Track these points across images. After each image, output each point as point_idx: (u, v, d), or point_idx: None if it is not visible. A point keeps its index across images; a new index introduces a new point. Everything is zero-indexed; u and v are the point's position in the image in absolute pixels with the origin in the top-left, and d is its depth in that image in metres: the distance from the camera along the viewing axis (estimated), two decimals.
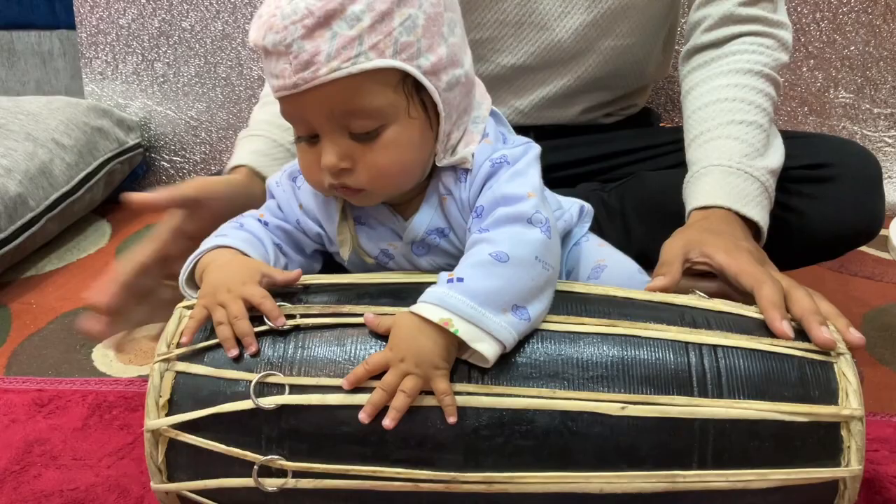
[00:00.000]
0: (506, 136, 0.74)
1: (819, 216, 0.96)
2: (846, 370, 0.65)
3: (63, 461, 0.91)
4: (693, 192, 0.87)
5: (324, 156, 0.66)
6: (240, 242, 0.71)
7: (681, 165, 0.94)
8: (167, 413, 0.65)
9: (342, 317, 0.66)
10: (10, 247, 1.40)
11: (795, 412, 0.63)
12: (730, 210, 0.84)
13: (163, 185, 1.83)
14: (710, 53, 0.97)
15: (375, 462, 0.63)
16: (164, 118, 1.80)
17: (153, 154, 1.83)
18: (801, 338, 0.67)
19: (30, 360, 1.17)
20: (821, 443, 0.63)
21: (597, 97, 1.11)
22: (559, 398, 0.62)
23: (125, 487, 0.86)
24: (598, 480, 0.62)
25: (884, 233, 1.06)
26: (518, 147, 0.71)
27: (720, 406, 0.62)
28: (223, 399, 0.64)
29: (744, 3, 0.97)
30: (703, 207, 0.85)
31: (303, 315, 0.66)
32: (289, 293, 0.70)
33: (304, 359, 0.65)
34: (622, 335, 0.65)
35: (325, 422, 0.63)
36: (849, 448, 0.63)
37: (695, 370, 0.64)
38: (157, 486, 0.67)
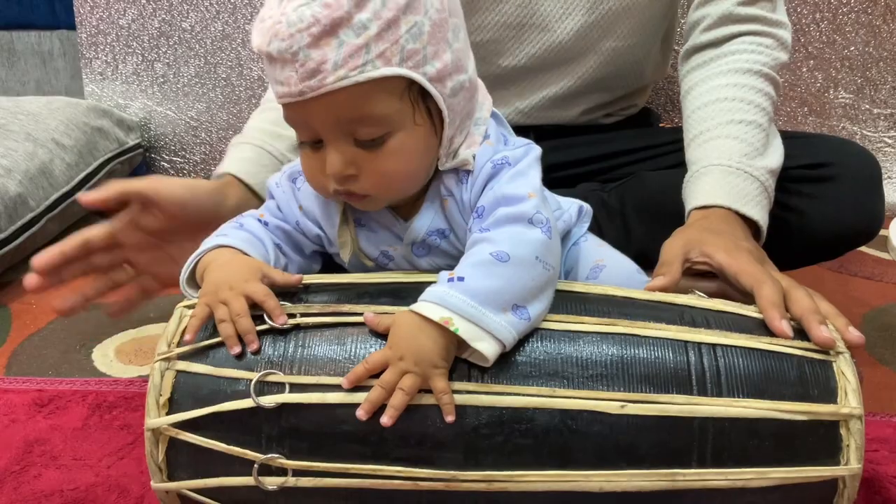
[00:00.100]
0: (507, 138, 0.74)
1: (819, 216, 0.96)
2: (845, 369, 0.65)
3: (63, 461, 0.91)
4: (693, 192, 0.87)
5: (329, 163, 0.66)
6: (240, 242, 0.71)
7: (680, 165, 0.94)
8: (168, 412, 0.65)
9: (342, 316, 0.66)
10: (11, 247, 1.40)
11: (795, 411, 0.63)
12: (729, 209, 0.84)
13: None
14: (710, 53, 0.97)
15: (375, 461, 0.63)
16: (164, 118, 1.80)
17: (153, 154, 1.83)
18: (801, 337, 0.67)
19: (30, 361, 1.17)
20: (820, 441, 0.63)
21: (597, 98, 1.11)
22: (559, 397, 0.62)
23: (125, 487, 0.86)
24: (598, 479, 0.62)
25: (883, 233, 1.06)
26: (519, 148, 0.71)
27: (719, 405, 0.62)
28: (223, 398, 0.64)
29: (743, 3, 0.97)
30: (703, 207, 0.85)
31: (303, 314, 0.66)
32: (289, 293, 0.70)
33: (305, 358, 0.65)
34: (622, 334, 0.65)
35: (326, 420, 0.63)
36: (848, 446, 0.63)
37: (694, 369, 0.64)
38: (158, 485, 0.67)
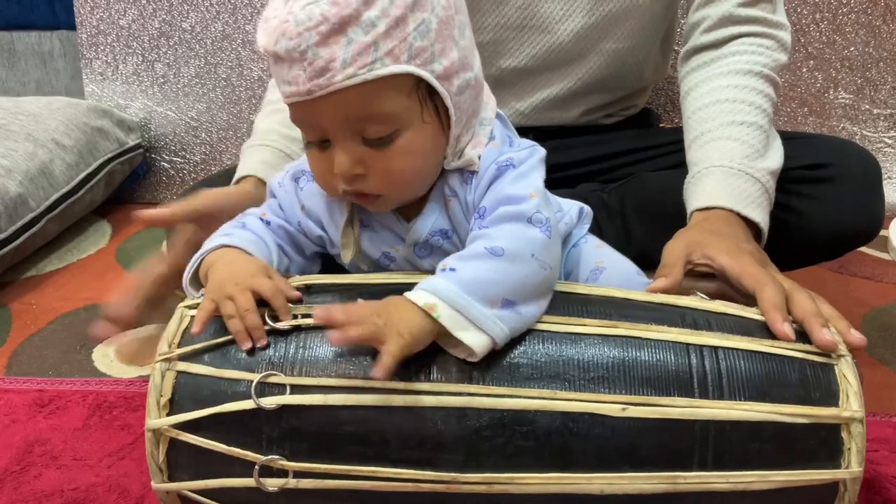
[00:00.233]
0: (512, 140, 0.74)
1: (819, 217, 0.96)
2: (847, 372, 0.65)
3: (63, 461, 0.91)
4: (694, 193, 0.87)
5: (337, 162, 0.66)
6: (244, 242, 0.71)
7: (681, 166, 0.94)
8: (168, 413, 0.65)
9: None
10: (11, 247, 1.40)
11: (796, 414, 0.63)
12: (731, 211, 0.84)
13: (163, 186, 1.84)
14: (710, 54, 0.97)
15: (376, 462, 0.63)
16: (165, 119, 1.80)
17: (153, 154, 1.83)
18: (802, 340, 0.67)
19: (30, 361, 1.17)
20: (821, 444, 0.63)
21: (597, 99, 1.11)
22: (560, 399, 0.62)
23: (125, 487, 0.87)
24: (599, 481, 0.62)
25: (883, 233, 1.06)
26: (524, 150, 0.71)
27: (721, 407, 0.62)
28: (224, 399, 0.64)
29: (743, 4, 0.97)
30: (705, 208, 0.85)
31: (304, 315, 0.66)
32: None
33: (306, 359, 0.65)
34: (623, 336, 0.65)
35: (327, 422, 0.63)
36: (849, 450, 0.63)
37: (696, 371, 0.64)
38: (158, 486, 0.67)
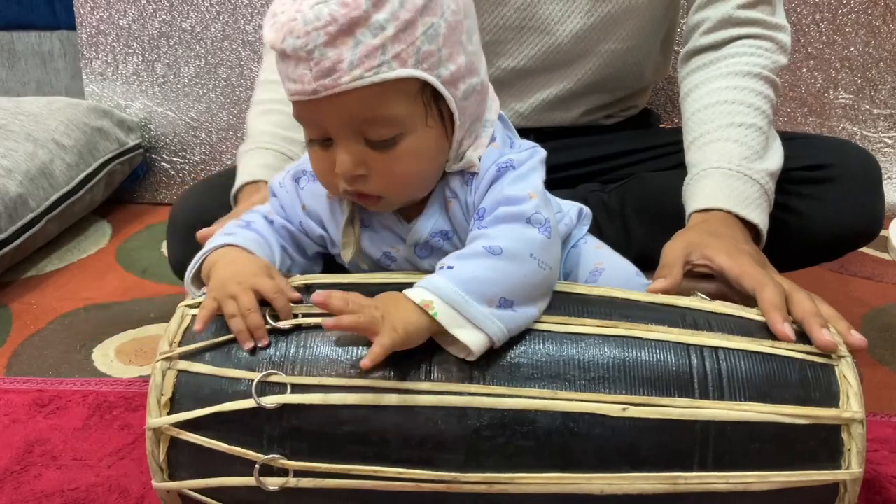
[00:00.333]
0: (513, 141, 0.73)
1: (819, 217, 0.96)
2: (847, 373, 0.65)
3: (63, 461, 0.91)
4: (693, 195, 0.87)
5: (339, 162, 0.66)
6: (247, 242, 0.71)
7: (680, 166, 0.94)
8: (169, 412, 0.65)
9: None
10: (11, 247, 1.40)
11: (796, 414, 0.63)
12: (730, 213, 0.84)
13: (163, 186, 1.84)
14: (709, 56, 0.97)
15: (377, 462, 0.63)
16: (165, 119, 1.80)
17: (153, 155, 1.83)
18: (803, 340, 0.67)
19: (30, 361, 1.17)
20: (821, 445, 0.63)
21: (597, 99, 1.11)
22: (560, 399, 0.62)
23: (125, 487, 0.87)
24: (599, 481, 0.62)
25: (883, 233, 1.06)
26: (524, 151, 0.71)
27: (721, 408, 0.62)
28: (225, 398, 0.64)
29: (743, 6, 0.97)
30: (704, 210, 0.85)
31: (305, 314, 0.66)
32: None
33: (306, 358, 0.65)
34: (624, 337, 0.65)
35: (327, 421, 0.63)
36: (849, 451, 0.63)
37: (696, 372, 0.64)
38: (159, 485, 0.67)
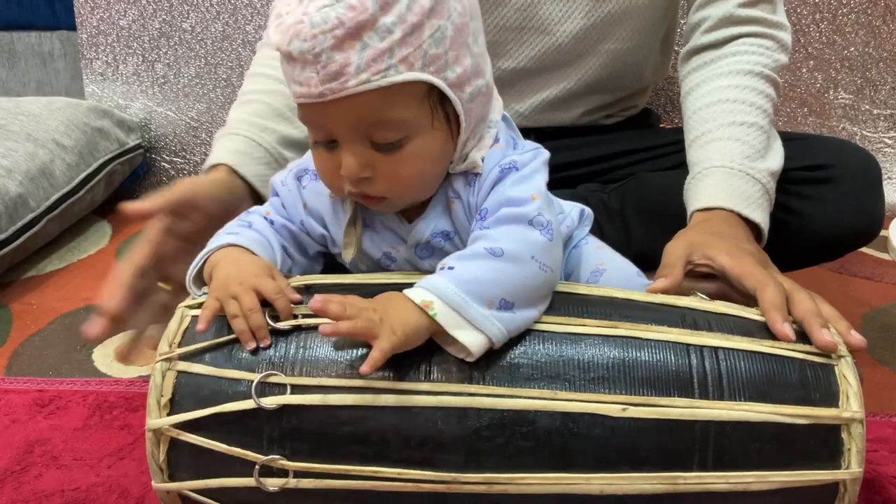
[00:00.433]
0: (516, 142, 0.73)
1: (819, 217, 0.96)
2: (847, 373, 0.65)
3: (64, 461, 0.91)
4: (695, 194, 0.87)
5: (344, 164, 0.66)
6: (250, 242, 0.71)
7: (681, 166, 0.94)
8: (169, 412, 0.65)
9: None
10: (11, 247, 1.40)
11: (796, 414, 0.63)
12: (731, 212, 0.84)
13: (163, 186, 1.84)
14: (710, 54, 0.97)
15: (376, 462, 0.63)
16: (165, 119, 1.80)
17: (154, 155, 1.83)
18: (803, 340, 0.67)
19: (30, 361, 1.17)
20: (821, 445, 0.63)
21: (597, 99, 1.11)
22: (560, 399, 0.62)
23: (126, 488, 0.87)
24: (599, 481, 0.62)
25: (883, 234, 1.07)
26: (527, 153, 0.71)
27: (721, 408, 0.63)
28: (225, 399, 0.64)
29: (743, 5, 0.97)
30: (705, 209, 0.85)
31: (305, 315, 0.66)
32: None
33: (306, 359, 0.65)
34: (623, 337, 0.65)
35: (327, 422, 0.63)
36: (849, 450, 0.63)
37: (696, 372, 0.64)
38: (159, 486, 0.67)
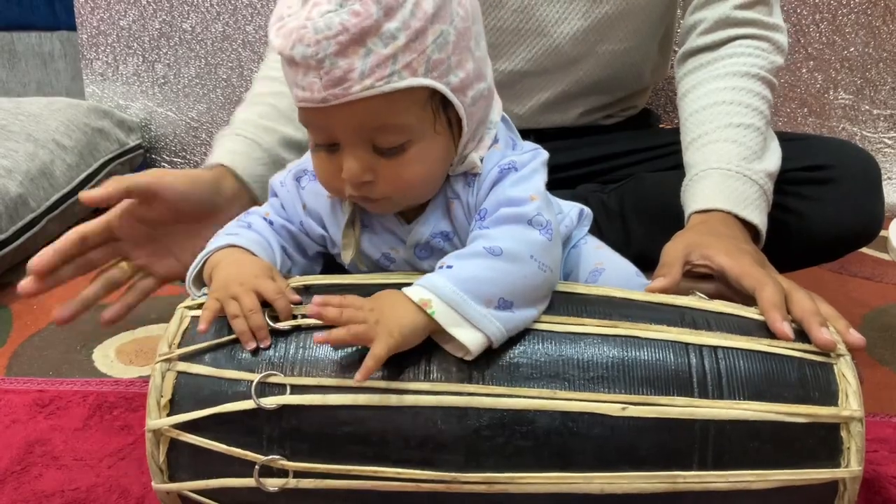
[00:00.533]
0: (515, 142, 0.74)
1: (819, 218, 0.96)
2: (846, 371, 0.65)
3: (64, 461, 0.91)
4: (692, 196, 0.87)
5: (346, 168, 0.66)
6: (250, 243, 0.72)
7: (680, 167, 0.94)
8: (168, 413, 0.65)
9: None
10: (11, 247, 1.40)
11: (795, 413, 0.63)
12: (729, 213, 0.84)
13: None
14: (707, 56, 0.97)
15: (376, 462, 0.63)
16: (165, 119, 1.80)
17: (154, 155, 1.83)
18: (802, 339, 0.67)
19: (30, 361, 1.17)
20: (821, 444, 0.63)
21: (595, 100, 1.11)
22: (560, 399, 0.63)
23: (126, 488, 0.87)
24: (599, 481, 0.62)
25: (883, 234, 1.06)
26: (526, 153, 0.71)
27: (720, 407, 0.63)
28: (224, 399, 0.64)
29: (740, 7, 0.97)
30: (703, 211, 0.85)
31: (304, 315, 0.66)
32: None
33: (306, 359, 0.65)
34: (623, 336, 0.65)
35: (327, 422, 0.63)
36: (848, 449, 0.63)
37: (695, 371, 0.64)
38: (159, 486, 0.67)
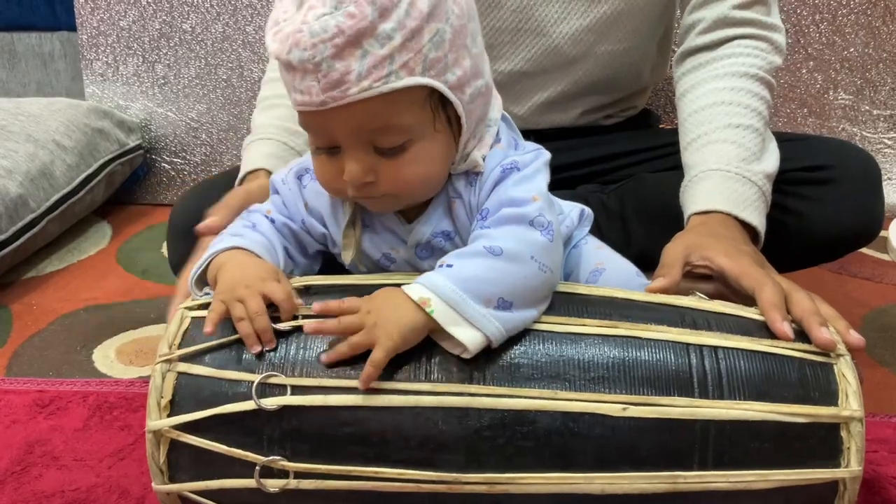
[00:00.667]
0: (517, 142, 0.74)
1: (819, 218, 0.96)
2: (846, 371, 0.65)
3: (64, 462, 0.91)
4: (692, 197, 0.87)
5: (348, 170, 0.66)
6: (255, 245, 0.71)
7: (681, 167, 0.94)
8: (169, 414, 0.65)
9: None
10: (11, 248, 1.40)
11: (795, 413, 0.63)
12: (728, 215, 0.84)
13: (163, 187, 1.84)
14: (705, 56, 0.97)
15: (377, 463, 0.63)
16: (165, 120, 1.80)
17: (154, 155, 1.83)
18: (802, 339, 0.67)
19: (31, 361, 1.17)
20: (821, 444, 0.63)
21: (595, 100, 1.11)
22: (561, 399, 0.63)
23: (126, 488, 0.87)
24: (600, 481, 0.62)
25: (883, 234, 1.06)
26: (528, 154, 0.71)
27: (721, 407, 0.63)
28: (225, 400, 0.64)
29: (738, 6, 0.97)
30: (702, 212, 0.85)
31: (305, 316, 0.66)
32: None
33: (306, 360, 0.65)
34: (623, 336, 0.65)
35: (327, 422, 0.63)
36: (848, 449, 0.63)
37: (696, 371, 0.64)
38: (159, 487, 0.67)
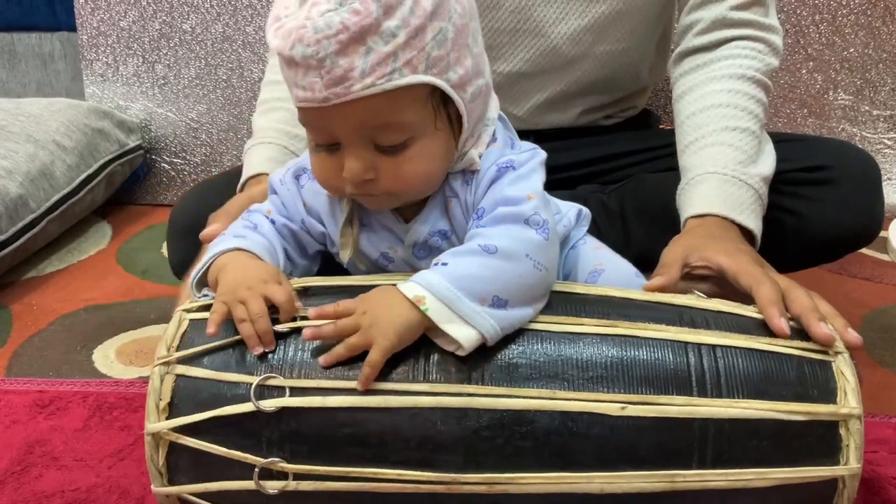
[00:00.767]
0: (513, 142, 0.74)
1: (818, 218, 0.96)
2: (844, 369, 0.65)
3: (64, 462, 0.91)
4: (689, 200, 0.87)
5: (348, 167, 0.66)
6: (256, 247, 0.71)
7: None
8: (167, 416, 0.65)
9: None
10: (11, 248, 1.40)
11: (794, 411, 0.63)
12: (725, 218, 0.84)
13: (163, 187, 1.84)
14: (702, 57, 0.97)
15: (376, 464, 0.63)
16: (165, 120, 1.80)
17: (154, 156, 1.83)
18: (800, 337, 0.67)
19: (30, 362, 1.17)
20: (819, 441, 0.63)
21: (594, 100, 1.11)
22: (559, 399, 0.63)
23: (126, 488, 0.87)
24: (599, 480, 0.62)
25: (883, 235, 1.06)
26: (525, 153, 0.71)
27: (719, 406, 0.63)
28: (224, 402, 0.64)
29: (736, 7, 0.97)
30: (699, 216, 0.85)
31: (304, 317, 0.66)
32: None
33: (305, 361, 0.65)
34: (621, 335, 0.65)
35: (326, 424, 0.63)
36: (847, 446, 0.63)
37: (694, 370, 0.64)
38: (158, 489, 0.67)
